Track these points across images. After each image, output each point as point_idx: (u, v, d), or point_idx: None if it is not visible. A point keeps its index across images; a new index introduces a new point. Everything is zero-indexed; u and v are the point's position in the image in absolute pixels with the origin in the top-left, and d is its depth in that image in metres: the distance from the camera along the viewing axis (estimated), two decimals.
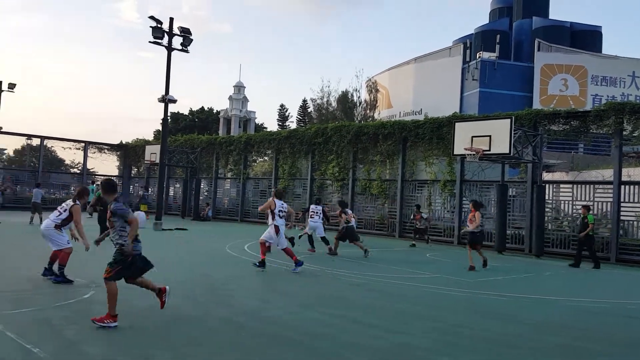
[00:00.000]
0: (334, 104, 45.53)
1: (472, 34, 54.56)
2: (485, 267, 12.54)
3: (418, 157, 22.22)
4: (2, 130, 32.69)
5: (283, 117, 76.95)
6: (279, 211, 10.79)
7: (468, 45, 48.88)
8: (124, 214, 6.01)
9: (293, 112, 79.29)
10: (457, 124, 17.59)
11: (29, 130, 56.23)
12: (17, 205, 29.49)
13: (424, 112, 39.42)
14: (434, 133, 21.17)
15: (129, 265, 5.98)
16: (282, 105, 78.37)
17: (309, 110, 61.41)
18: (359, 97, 45.95)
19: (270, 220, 10.84)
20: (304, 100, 70.63)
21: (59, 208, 8.78)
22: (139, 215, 21.54)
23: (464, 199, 20.38)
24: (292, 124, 73.96)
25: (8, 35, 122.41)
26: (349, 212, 15.14)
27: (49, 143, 35.36)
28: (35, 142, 35.60)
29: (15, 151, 48.59)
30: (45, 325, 5.87)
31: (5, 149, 45.09)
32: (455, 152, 17.40)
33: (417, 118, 26.39)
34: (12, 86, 33.34)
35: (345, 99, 45.03)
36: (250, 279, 9.82)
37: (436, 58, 48.68)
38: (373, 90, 45.91)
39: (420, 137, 21.64)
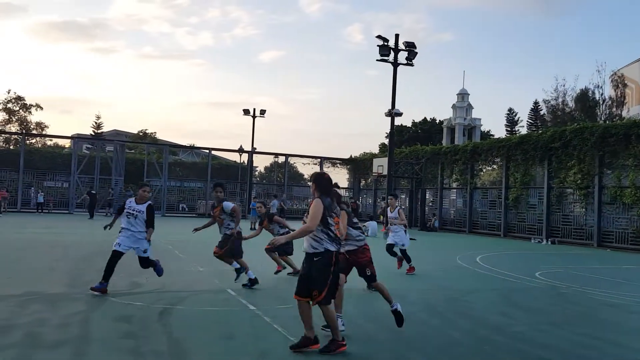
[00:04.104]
0: (571, 103, 41.26)
1: None
2: None
3: None
4: (255, 150, 37.99)
5: (512, 122, 72.52)
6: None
7: None
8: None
9: (523, 116, 73.71)
10: None
11: (276, 150, 64.09)
12: None
13: None
14: None
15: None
16: (510, 110, 73.40)
17: (542, 112, 56.80)
18: (601, 94, 40.79)
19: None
20: (535, 102, 65.55)
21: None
22: (371, 224, 22.65)
23: None
24: (522, 128, 69.16)
25: (260, 68, 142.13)
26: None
27: (291, 160, 39.95)
28: (281, 159, 40.66)
29: (265, 168, 56.15)
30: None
31: (257, 167, 52.31)
32: None
33: None
34: (262, 112, 38.59)
35: (584, 98, 40.43)
36: (487, 292, 9.46)
37: None
38: (620, 85, 40.19)
39: None
